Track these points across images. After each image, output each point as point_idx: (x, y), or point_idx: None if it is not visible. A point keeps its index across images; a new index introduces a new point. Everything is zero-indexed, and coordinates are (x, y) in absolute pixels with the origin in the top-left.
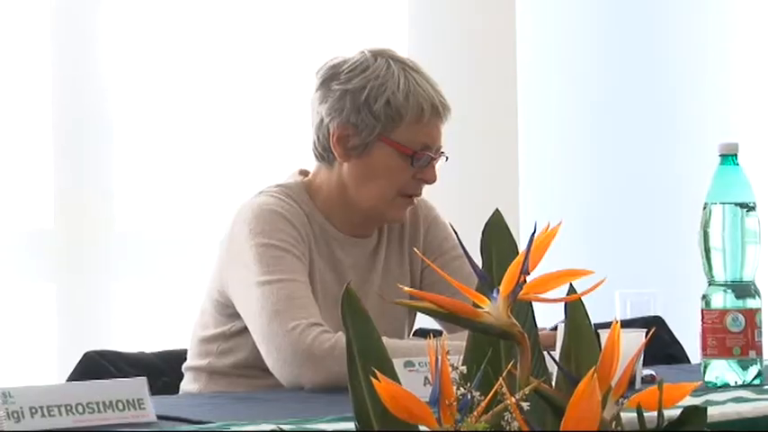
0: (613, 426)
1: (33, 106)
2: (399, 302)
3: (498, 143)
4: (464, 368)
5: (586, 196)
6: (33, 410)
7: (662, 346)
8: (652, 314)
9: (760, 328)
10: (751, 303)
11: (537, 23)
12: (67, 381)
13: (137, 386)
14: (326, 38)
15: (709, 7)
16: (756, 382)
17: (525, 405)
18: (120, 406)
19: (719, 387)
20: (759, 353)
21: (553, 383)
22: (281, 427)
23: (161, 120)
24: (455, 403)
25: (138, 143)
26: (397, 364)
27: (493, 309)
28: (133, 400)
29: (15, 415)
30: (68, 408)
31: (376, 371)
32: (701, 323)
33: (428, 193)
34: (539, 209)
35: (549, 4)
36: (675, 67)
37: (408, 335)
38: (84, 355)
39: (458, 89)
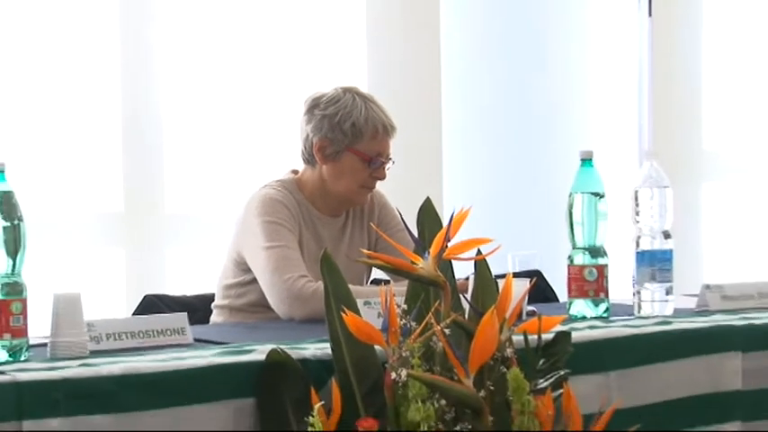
0: (507, 345)
1: (104, 116)
2: (360, 261)
3: (428, 152)
4: (405, 306)
5: (491, 187)
6: (108, 336)
7: (540, 290)
8: (534, 268)
9: (607, 277)
10: (601, 261)
11: (458, 49)
12: (132, 315)
13: (180, 319)
14: (308, 76)
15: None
16: (605, 315)
17: (447, 331)
18: (168, 332)
19: (579, 319)
20: (606, 295)
21: (466, 316)
22: (281, 346)
23: (200, 133)
24: (399, 330)
25: (183, 149)
26: (359, 303)
27: (425, 265)
28: (177, 329)
29: (96, 339)
30: (132, 333)
31: (344, 308)
32: (567, 274)
33: (381, 186)
34: (457, 196)
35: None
36: (550, 92)
37: (366, 283)
38: (144, 297)
39: (397, 110)
